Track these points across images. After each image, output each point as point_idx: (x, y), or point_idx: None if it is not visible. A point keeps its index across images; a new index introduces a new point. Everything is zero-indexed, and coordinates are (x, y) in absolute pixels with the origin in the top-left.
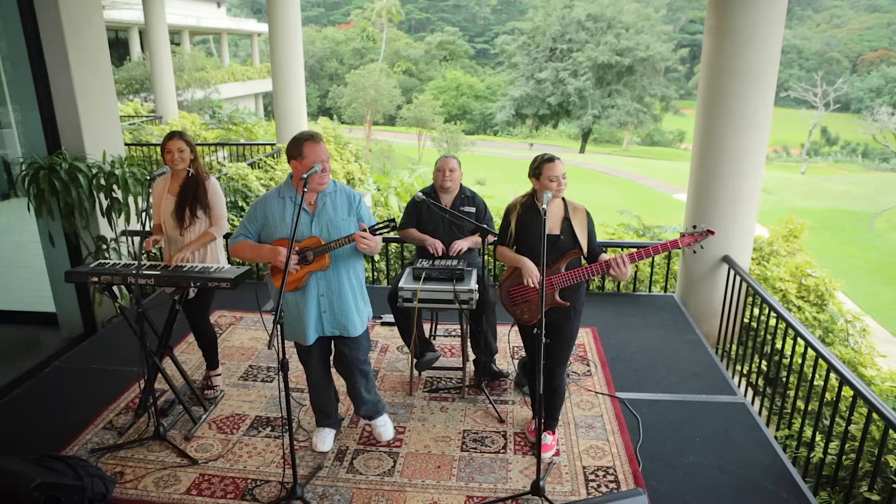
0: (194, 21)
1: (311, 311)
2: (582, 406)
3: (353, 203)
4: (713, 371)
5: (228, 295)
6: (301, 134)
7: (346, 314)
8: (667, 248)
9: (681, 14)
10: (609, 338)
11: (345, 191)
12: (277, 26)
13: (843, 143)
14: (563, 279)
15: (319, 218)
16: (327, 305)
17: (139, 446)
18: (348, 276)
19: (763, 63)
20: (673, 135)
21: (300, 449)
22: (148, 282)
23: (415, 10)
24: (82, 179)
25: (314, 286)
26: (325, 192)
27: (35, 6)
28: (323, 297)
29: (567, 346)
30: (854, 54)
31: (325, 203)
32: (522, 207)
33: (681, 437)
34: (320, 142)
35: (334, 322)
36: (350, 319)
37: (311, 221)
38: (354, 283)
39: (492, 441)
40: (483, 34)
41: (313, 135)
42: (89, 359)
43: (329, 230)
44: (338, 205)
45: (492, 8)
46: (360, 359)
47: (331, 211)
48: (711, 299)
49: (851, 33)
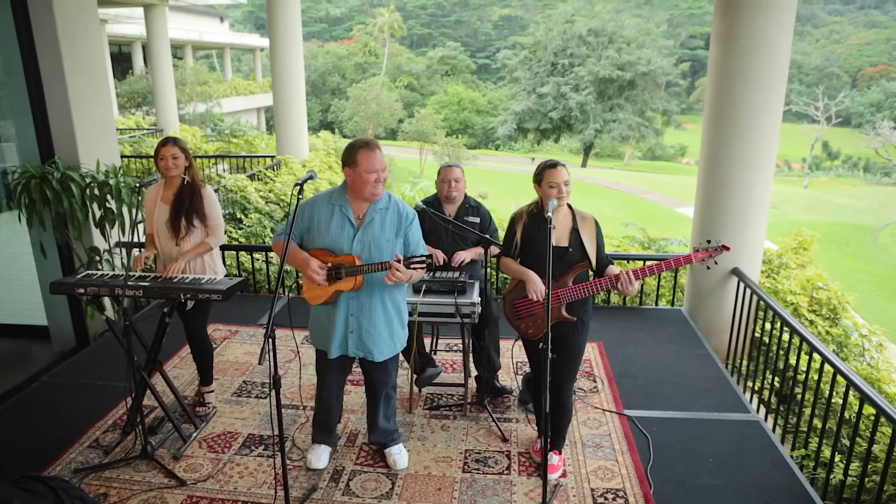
0: (197, 35)
1: (339, 327)
2: (589, 424)
3: (404, 223)
4: (724, 387)
5: (224, 308)
6: (356, 140)
7: (372, 338)
8: (679, 264)
9: (681, 30)
10: (616, 352)
11: (398, 207)
12: (278, 40)
13: (845, 157)
14: (570, 293)
15: (364, 233)
16: (355, 326)
17: (125, 466)
18: (382, 300)
19: (772, 70)
20: (674, 149)
21: (294, 469)
22: (136, 293)
23: (416, 26)
24: (75, 189)
25: (344, 304)
26: (376, 205)
27: (30, 13)
28: (352, 317)
29: (575, 361)
30: (854, 69)
31: (373, 218)
32: (529, 217)
33: (693, 457)
34: (376, 149)
35: (359, 344)
36: (376, 344)
37: (353, 236)
38: (390, 308)
39: (495, 461)
40: (484, 49)
41: (368, 142)
42: (78, 373)
43: (371, 249)
44: (387, 223)
45: (493, 24)
46: (386, 382)
47: (377, 228)
48: (720, 313)
49: (851, 49)
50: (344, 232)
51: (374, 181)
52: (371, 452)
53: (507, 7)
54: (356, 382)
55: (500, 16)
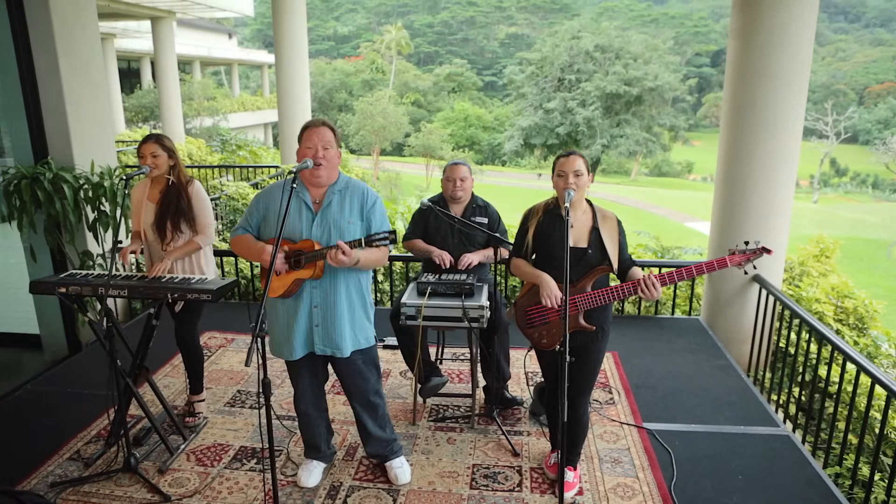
0: (205, 51)
1: (301, 322)
2: (606, 438)
3: (366, 204)
4: (749, 399)
5: (221, 316)
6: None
7: (338, 330)
8: (712, 268)
9: (687, 48)
10: (632, 363)
11: (358, 189)
12: (284, 54)
13: (853, 174)
14: (588, 300)
15: (322, 217)
16: (320, 318)
17: (106, 480)
18: (347, 288)
19: (794, 66)
20: (681, 166)
21: (287, 485)
22: (121, 293)
23: (423, 44)
24: (67, 190)
25: (307, 295)
26: (334, 187)
27: (25, 9)
28: (317, 308)
29: (593, 371)
30: (860, 87)
31: (331, 201)
32: (545, 214)
33: (720, 473)
34: (319, 126)
35: (326, 338)
36: (342, 336)
37: (312, 220)
38: (354, 297)
39: (505, 477)
40: (491, 67)
41: (314, 120)
42: (65, 381)
43: (332, 232)
44: (346, 204)
45: (500, 42)
46: (364, 388)
47: (336, 211)
48: (741, 322)
49: (857, 66)
50: (302, 217)
51: (313, 157)
52: (371, 467)
53: (513, 25)
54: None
55: (507, 34)
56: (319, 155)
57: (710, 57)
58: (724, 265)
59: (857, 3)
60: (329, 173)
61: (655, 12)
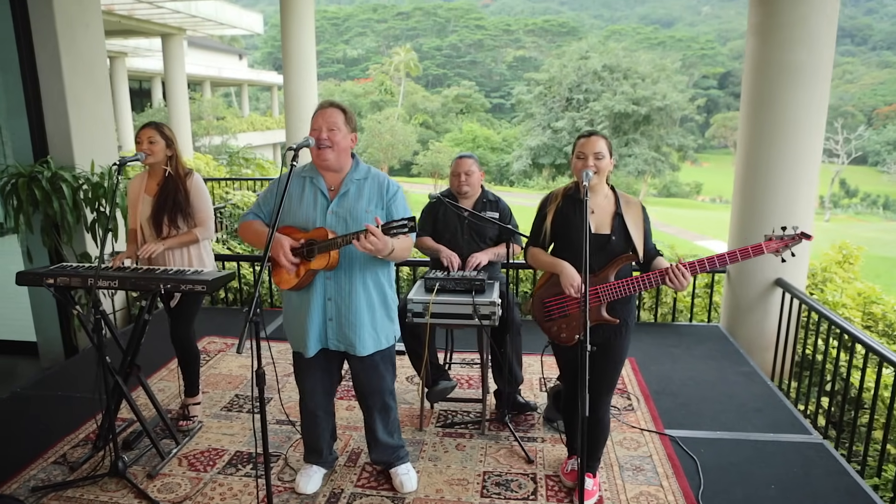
0: (216, 72)
1: (315, 316)
2: (626, 445)
3: (385, 194)
4: (778, 406)
5: (221, 321)
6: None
7: (353, 326)
8: (747, 255)
9: (694, 70)
10: (650, 369)
11: (378, 178)
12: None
13: (864, 194)
14: (612, 290)
15: (339, 204)
16: (334, 312)
17: (91, 484)
18: (364, 281)
19: (816, 61)
20: (690, 187)
21: (285, 491)
22: (111, 284)
23: (432, 67)
24: (66, 189)
25: (321, 287)
26: (352, 176)
27: (28, 7)
28: (330, 301)
29: (615, 368)
30: (868, 108)
31: (349, 189)
32: (564, 199)
33: (751, 482)
34: (326, 108)
35: (340, 334)
36: (358, 334)
37: (327, 208)
38: (372, 291)
39: (519, 485)
40: (499, 89)
41: (322, 102)
42: (56, 384)
43: (348, 221)
44: (364, 192)
45: (507, 64)
46: (378, 388)
47: (353, 198)
48: (763, 329)
49: (864, 88)
50: (317, 205)
51: (316, 138)
52: (375, 473)
53: (521, 49)
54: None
55: (515, 57)
56: (324, 136)
57: (717, 79)
58: (759, 252)
59: (864, 26)
60: (338, 157)
61: (662, 35)
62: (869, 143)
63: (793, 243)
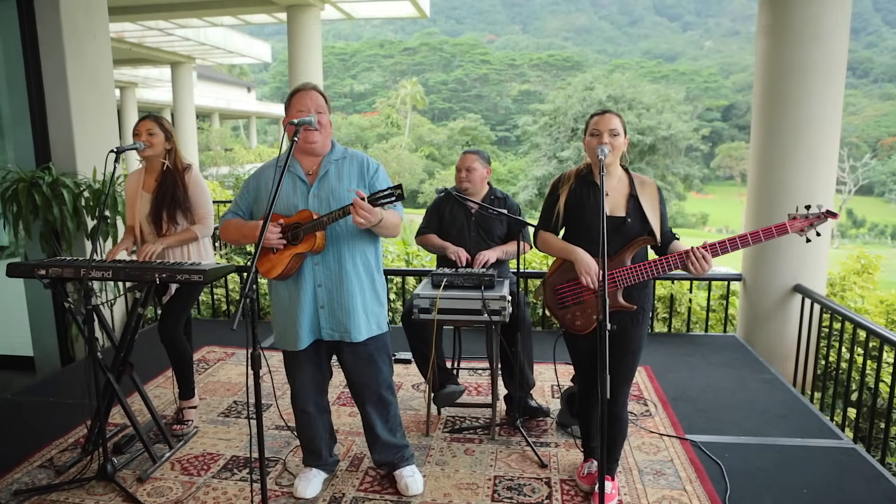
0: (224, 104)
1: (306, 305)
2: (644, 450)
3: (366, 172)
4: (803, 413)
5: (222, 332)
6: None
7: (347, 311)
8: (770, 235)
9: (698, 103)
10: (666, 377)
11: (356, 158)
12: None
13: (871, 224)
14: (628, 275)
15: (319, 187)
16: (326, 298)
17: (78, 488)
18: (353, 263)
19: (829, 60)
20: (696, 217)
21: (282, 496)
22: (104, 274)
23: (438, 100)
24: (67, 195)
25: (310, 274)
26: (330, 157)
27: (36, 15)
28: (321, 287)
29: (632, 359)
30: (872, 139)
31: (328, 170)
32: (577, 180)
33: (781, 487)
34: (311, 90)
35: (333, 321)
36: (352, 318)
37: (307, 192)
38: (362, 273)
39: (532, 489)
40: (504, 122)
41: (303, 84)
42: (49, 391)
43: (330, 203)
44: (344, 173)
45: (512, 98)
46: (376, 379)
47: (334, 180)
48: (783, 337)
49: (868, 120)
50: (297, 191)
51: (304, 127)
52: (378, 478)
53: (525, 83)
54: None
55: (520, 91)
56: (315, 118)
57: (720, 111)
58: (783, 231)
59: (865, 59)
60: (324, 140)
61: (665, 69)
62: (874, 174)
63: (818, 222)
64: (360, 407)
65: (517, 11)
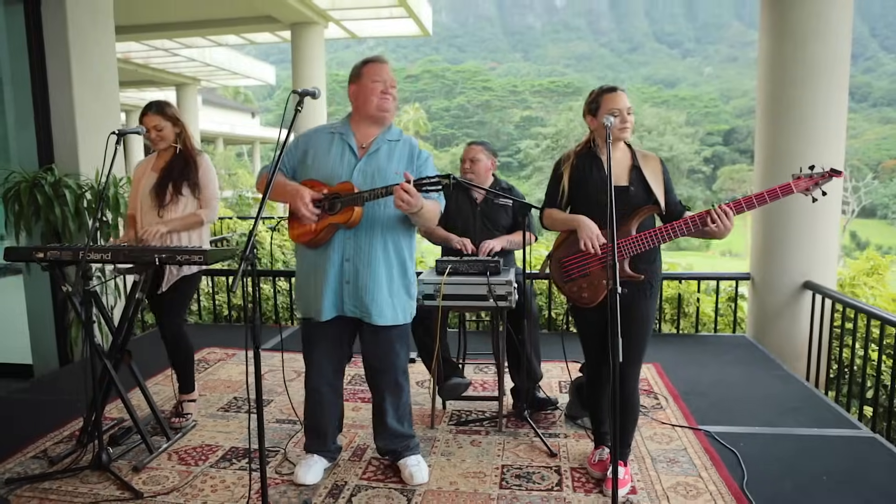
0: (229, 128)
1: (332, 278)
2: (656, 439)
3: (416, 158)
4: (819, 405)
5: (223, 335)
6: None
7: (370, 291)
8: (775, 195)
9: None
10: (676, 373)
11: (409, 142)
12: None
13: (875, 246)
14: (634, 244)
15: (367, 163)
16: (352, 274)
17: (71, 477)
18: (385, 245)
19: (832, 56)
20: (700, 240)
21: (283, 483)
22: (103, 256)
23: (440, 126)
24: (69, 196)
25: (339, 246)
26: (385, 136)
27: (42, 21)
28: (348, 262)
29: (643, 334)
30: (874, 162)
31: (379, 148)
32: (578, 157)
33: (800, 473)
34: (384, 63)
35: (356, 298)
36: (374, 300)
37: (355, 165)
38: (393, 258)
39: (541, 477)
40: (507, 148)
41: (377, 57)
42: (46, 391)
43: (375, 181)
44: (395, 154)
45: (514, 125)
46: (394, 364)
47: (383, 158)
48: (794, 336)
49: (868, 143)
50: (344, 160)
51: (382, 92)
52: (382, 467)
53: (527, 109)
54: (366, 400)
55: (521, 117)
56: (392, 93)
57: (722, 136)
58: (788, 191)
59: (863, 84)
60: (392, 114)
61: (666, 94)
62: (877, 196)
63: (822, 181)
64: (373, 391)
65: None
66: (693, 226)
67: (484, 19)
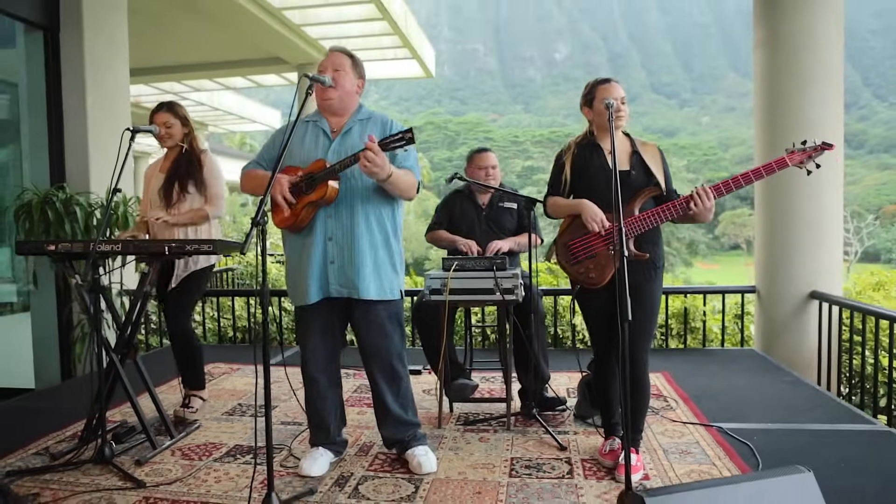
0: (235, 178)
1: (316, 258)
2: (668, 434)
3: (388, 130)
4: (832, 405)
5: (229, 354)
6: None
7: (355, 266)
8: (771, 170)
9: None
10: (685, 381)
11: (381, 118)
12: None
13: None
14: (637, 224)
15: (341, 143)
16: (336, 253)
17: (73, 469)
18: (367, 219)
19: (824, 67)
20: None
21: (287, 475)
22: (113, 248)
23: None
24: (79, 212)
25: (321, 227)
26: (356, 116)
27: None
28: (331, 241)
29: (649, 317)
30: (874, 207)
31: (351, 128)
32: (578, 147)
33: (817, 461)
34: (334, 52)
35: (342, 277)
36: (359, 274)
37: (329, 147)
38: (376, 231)
39: (551, 467)
40: None
41: (331, 48)
42: (48, 400)
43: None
44: (367, 131)
45: (516, 174)
46: (386, 347)
47: (356, 137)
48: (802, 348)
49: (867, 189)
50: (319, 144)
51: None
52: (389, 460)
53: (528, 159)
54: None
55: (523, 167)
56: (336, 76)
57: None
58: (783, 165)
59: (859, 132)
60: (341, 98)
61: (666, 143)
62: (879, 241)
63: (815, 154)
64: (370, 378)
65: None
66: (682, 206)
67: (485, 72)
